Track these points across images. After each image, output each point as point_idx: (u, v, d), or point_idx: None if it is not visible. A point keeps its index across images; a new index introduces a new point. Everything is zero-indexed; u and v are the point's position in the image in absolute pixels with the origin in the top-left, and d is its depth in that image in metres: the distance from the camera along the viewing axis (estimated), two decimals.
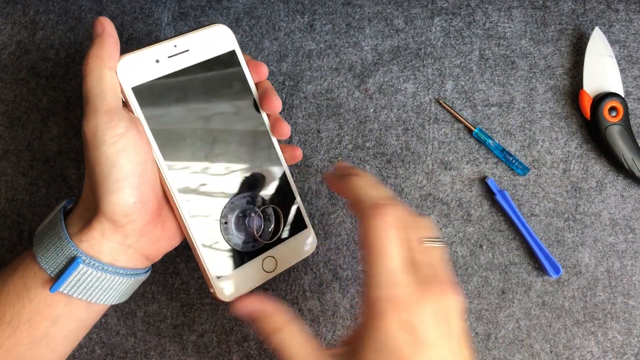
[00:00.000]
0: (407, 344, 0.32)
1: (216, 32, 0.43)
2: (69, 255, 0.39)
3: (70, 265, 0.38)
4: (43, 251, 0.40)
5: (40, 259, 0.39)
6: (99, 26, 0.40)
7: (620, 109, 0.52)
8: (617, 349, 0.52)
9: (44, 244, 0.40)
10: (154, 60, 0.41)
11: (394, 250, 0.33)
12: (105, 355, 0.53)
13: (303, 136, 0.54)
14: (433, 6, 0.55)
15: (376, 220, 0.34)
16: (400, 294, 0.33)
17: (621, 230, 0.53)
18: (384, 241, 0.33)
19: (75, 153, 0.54)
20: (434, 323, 0.33)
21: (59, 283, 0.39)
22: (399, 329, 0.32)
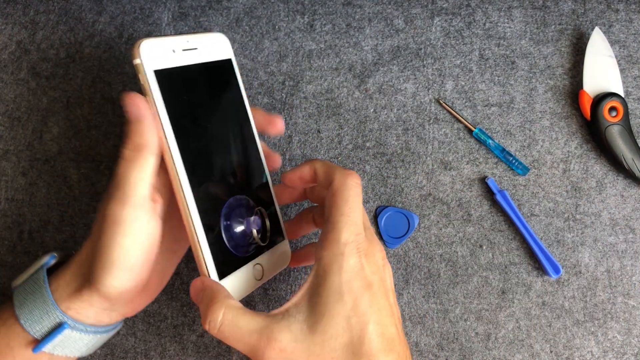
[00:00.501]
0: (361, 286, 0.37)
1: (217, 38, 0.44)
2: (55, 321, 0.40)
3: (56, 330, 0.40)
4: (28, 315, 0.40)
5: (24, 321, 0.40)
6: (135, 108, 0.38)
7: (620, 109, 0.52)
8: (617, 349, 0.52)
9: (28, 307, 0.40)
10: (172, 49, 0.41)
11: (360, 207, 0.39)
12: (105, 355, 0.53)
13: (303, 136, 0.54)
14: (433, 6, 0.55)
15: (352, 180, 0.39)
16: (362, 242, 0.38)
17: (621, 230, 0.53)
18: (356, 198, 0.39)
19: (75, 153, 0.54)
20: (375, 270, 0.38)
21: (42, 344, 0.40)
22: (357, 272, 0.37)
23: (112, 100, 0.54)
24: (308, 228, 0.48)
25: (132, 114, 0.38)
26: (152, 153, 0.38)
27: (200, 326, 0.53)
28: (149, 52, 0.39)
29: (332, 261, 0.37)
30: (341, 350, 0.36)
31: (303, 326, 0.36)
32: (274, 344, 0.35)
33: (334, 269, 0.37)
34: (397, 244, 0.53)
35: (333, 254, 0.37)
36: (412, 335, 0.53)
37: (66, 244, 0.53)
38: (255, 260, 0.44)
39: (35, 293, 0.40)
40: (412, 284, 0.53)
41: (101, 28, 0.55)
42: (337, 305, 0.36)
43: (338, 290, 0.36)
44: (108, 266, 0.38)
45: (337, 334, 0.36)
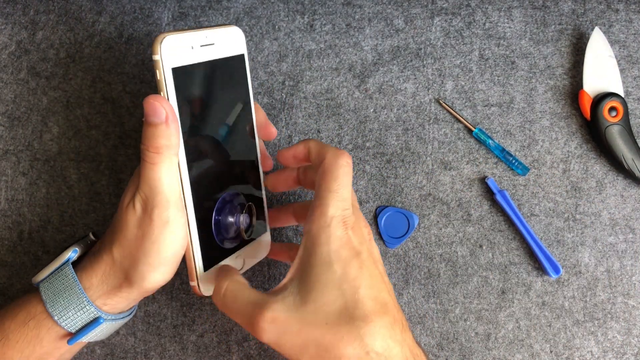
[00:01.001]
0: (349, 255, 0.38)
1: (233, 32, 0.44)
2: (90, 316, 0.42)
3: (92, 324, 0.42)
4: (62, 312, 0.41)
5: (58, 318, 0.41)
6: (160, 111, 0.38)
7: (620, 109, 0.52)
8: (617, 349, 0.52)
9: (62, 304, 0.42)
10: (190, 46, 0.40)
11: (349, 184, 0.40)
12: (105, 355, 0.53)
13: (303, 136, 0.54)
14: (433, 6, 0.55)
15: (342, 159, 0.40)
16: (350, 216, 0.39)
17: (621, 230, 0.53)
18: (345, 177, 0.40)
19: (75, 153, 0.54)
20: (362, 241, 0.39)
21: (77, 337, 0.42)
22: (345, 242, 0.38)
23: (112, 100, 0.54)
24: (287, 220, 0.49)
25: (159, 116, 0.38)
26: (175, 154, 0.39)
27: (201, 326, 0.53)
28: (169, 49, 0.38)
29: (319, 233, 0.38)
30: (336, 316, 0.36)
31: (296, 297, 0.37)
32: (266, 314, 0.37)
33: (321, 240, 0.38)
34: (397, 244, 0.53)
35: (320, 226, 0.38)
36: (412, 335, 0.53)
37: (66, 244, 0.53)
38: (238, 252, 0.45)
39: (67, 291, 0.42)
40: (412, 284, 0.53)
41: (101, 28, 0.55)
42: (327, 273, 0.37)
43: (327, 259, 0.37)
44: (156, 264, 0.40)
45: (330, 301, 0.36)
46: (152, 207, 0.39)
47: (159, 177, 0.39)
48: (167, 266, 0.40)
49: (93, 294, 0.42)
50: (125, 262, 0.41)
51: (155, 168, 0.39)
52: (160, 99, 0.38)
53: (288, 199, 0.55)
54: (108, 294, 0.42)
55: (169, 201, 0.39)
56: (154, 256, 0.40)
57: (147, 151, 0.39)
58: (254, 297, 0.38)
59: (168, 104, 0.38)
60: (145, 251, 0.40)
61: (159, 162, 0.39)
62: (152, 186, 0.39)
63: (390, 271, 0.53)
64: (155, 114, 0.38)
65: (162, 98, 0.38)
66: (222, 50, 0.43)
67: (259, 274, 0.54)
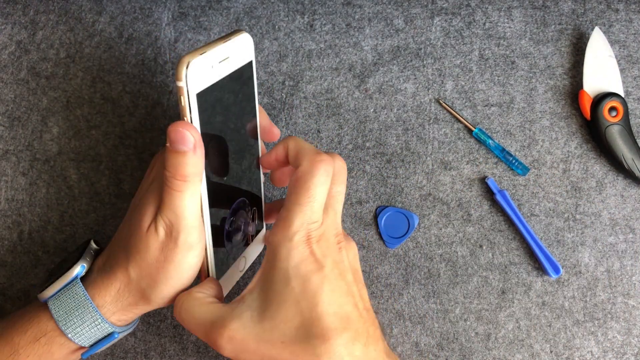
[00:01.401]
0: (310, 270, 0.37)
1: (245, 40, 0.41)
2: (104, 332, 0.42)
3: (106, 338, 0.42)
4: (77, 330, 0.41)
5: (72, 336, 0.41)
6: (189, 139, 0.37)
7: (620, 109, 0.52)
8: (617, 349, 0.52)
9: (75, 322, 0.41)
10: (211, 66, 0.38)
11: (321, 196, 0.38)
12: (105, 355, 0.53)
13: (303, 136, 0.54)
14: (433, 6, 0.55)
15: (319, 168, 0.38)
16: (315, 231, 0.38)
17: (621, 230, 0.53)
18: (319, 187, 0.38)
19: (75, 153, 0.54)
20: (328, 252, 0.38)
21: (92, 351, 0.43)
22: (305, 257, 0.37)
23: (112, 100, 0.54)
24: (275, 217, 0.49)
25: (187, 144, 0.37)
26: (200, 180, 0.39)
27: None
28: (194, 74, 0.36)
29: (280, 247, 0.38)
30: (292, 335, 0.36)
31: (254, 313, 0.37)
32: (224, 332, 0.37)
33: (282, 254, 0.37)
34: (397, 244, 0.53)
35: (281, 240, 0.38)
36: (412, 335, 0.53)
37: (66, 244, 0.53)
38: (243, 254, 0.46)
39: (80, 309, 0.41)
40: (412, 284, 0.53)
41: (101, 28, 0.54)
42: (285, 290, 0.37)
43: (285, 275, 0.37)
44: (178, 286, 0.40)
45: (287, 319, 0.36)
46: (178, 233, 0.39)
47: (185, 204, 0.38)
48: (186, 285, 0.41)
49: (107, 311, 0.42)
50: (142, 282, 0.41)
51: (181, 196, 0.38)
52: (188, 127, 0.37)
53: None
54: (123, 311, 0.42)
55: (194, 227, 0.39)
56: (176, 279, 0.40)
57: (173, 179, 0.38)
58: (210, 313, 0.38)
59: (196, 131, 0.37)
60: (168, 274, 0.40)
61: (185, 190, 0.38)
62: (178, 213, 0.38)
63: (391, 271, 0.53)
64: (184, 142, 0.37)
65: (190, 125, 0.37)
66: (236, 61, 0.41)
67: None
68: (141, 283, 0.41)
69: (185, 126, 0.37)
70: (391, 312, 0.53)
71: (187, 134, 0.37)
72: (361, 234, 0.53)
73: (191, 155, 0.37)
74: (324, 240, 0.38)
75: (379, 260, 0.53)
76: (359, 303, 0.39)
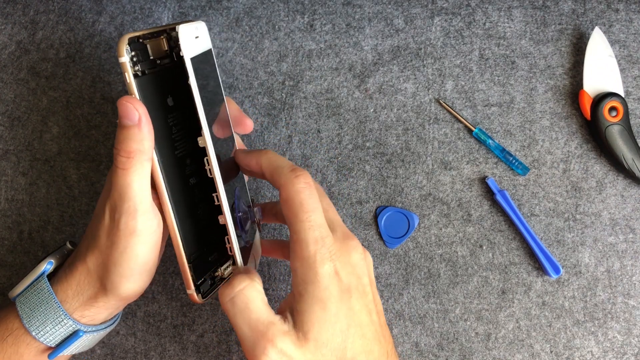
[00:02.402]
0: (338, 291, 0.37)
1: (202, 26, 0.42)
2: (69, 329, 0.41)
3: (72, 337, 0.41)
4: (40, 327, 0.40)
5: (36, 333, 0.40)
6: (133, 113, 0.37)
7: (620, 109, 0.52)
8: (617, 349, 0.52)
9: (39, 319, 0.40)
10: (195, 36, 0.39)
11: (318, 207, 0.38)
12: (105, 355, 0.53)
13: (303, 136, 0.54)
14: (433, 6, 0.55)
15: (299, 182, 0.37)
16: (331, 245, 0.37)
17: (621, 230, 0.53)
18: (309, 199, 0.37)
19: (75, 153, 0.54)
20: (351, 271, 0.38)
21: (58, 352, 0.41)
22: (332, 277, 0.37)
23: (112, 100, 0.54)
24: (269, 220, 0.48)
25: (133, 118, 0.37)
26: (148, 159, 0.38)
27: (201, 326, 0.53)
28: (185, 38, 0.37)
29: (306, 272, 0.37)
30: (330, 356, 0.37)
31: (298, 333, 0.37)
32: (278, 343, 0.36)
33: (310, 278, 0.37)
34: (397, 244, 0.53)
35: (306, 265, 0.37)
36: (412, 335, 0.53)
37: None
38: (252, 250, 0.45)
39: (44, 305, 0.41)
40: (412, 284, 0.53)
41: (101, 28, 0.55)
42: (322, 313, 0.37)
43: (320, 298, 0.37)
44: (128, 274, 0.39)
45: (327, 341, 0.36)
46: (120, 215, 0.38)
47: (129, 183, 0.37)
48: (139, 275, 0.39)
49: (70, 306, 0.41)
50: (99, 271, 0.40)
51: (125, 174, 0.37)
52: (132, 100, 0.37)
53: None
54: (85, 305, 0.41)
55: (137, 209, 0.37)
56: (124, 266, 0.38)
57: (118, 155, 0.37)
58: (265, 315, 0.37)
59: (141, 106, 0.37)
60: (115, 261, 0.38)
61: (130, 167, 0.37)
62: (121, 193, 0.37)
63: (391, 271, 0.53)
64: (128, 116, 0.37)
65: (135, 99, 0.37)
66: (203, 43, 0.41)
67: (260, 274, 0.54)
68: (98, 272, 0.40)
69: (130, 100, 0.37)
70: (391, 312, 0.53)
71: (131, 107, 0.36)
72: (361, 234, 0.53)
73: (136, 131, 0.37)
74: (344, 255, 0.38)
75: (379, 260, 0.53)
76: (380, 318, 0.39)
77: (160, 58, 0.41)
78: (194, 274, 0.41)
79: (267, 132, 0.54)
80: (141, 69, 0.39)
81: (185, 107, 0.43)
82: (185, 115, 0.43)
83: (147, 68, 0.40)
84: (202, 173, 0.43)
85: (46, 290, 0.41)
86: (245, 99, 0.54)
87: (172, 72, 0.42)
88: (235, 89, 0.54)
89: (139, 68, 0.39)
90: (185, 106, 0.43)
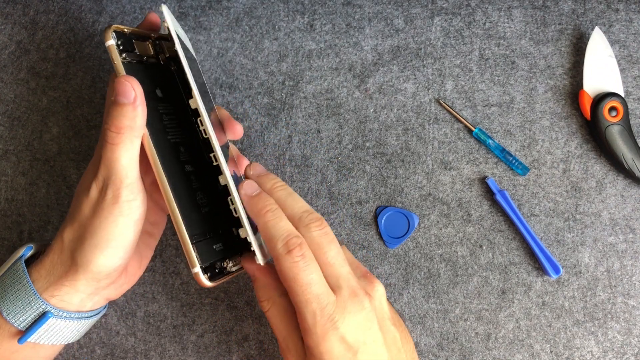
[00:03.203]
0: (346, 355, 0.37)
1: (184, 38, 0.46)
2: (38, 310, 0.40)
3: (40, 319, 0.40)
4: (10, 307, 0.40)
5: (6, 314, 0.40)
6: (129, 92, 0.38)
7: (620, 109, 0.52)
8: (617, 349, 0.52)
9: (10, 299, 0.40)
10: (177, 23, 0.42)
11: (315, 276, 0.37)
12: (105, 355, 0.53)
13: (303, 136, 0.54)
14: (433, 6, 0.55)
15: (293, 256, 0.37)
16: (333, 312, 0.37)
17: (621, 230, 0.53)
18: (303, 273, 0.37)
19: (75, 153, 0.54)
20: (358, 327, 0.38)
21: (27, 335, 0.40)
22: (339, 345, 0.37)
23: None
24: None
25: (128, 96, 0.38)
26: (138, 136, 0.39)
27: (201, 326, 0.53)
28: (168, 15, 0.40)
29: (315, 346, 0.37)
30: None
31: None
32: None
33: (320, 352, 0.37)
34: (397, 244, 0.53)
35: (312, 341, 0.37)
36: (412, 335, 0.53)
37: None
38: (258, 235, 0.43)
39: (16, 285, 0.41)
40: (412, 284, 0.53)
41: (101, 28, 0.55)
42: None
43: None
44: (102, 246, 0.39)
45: None
46: (107, 186, 0.38)
47: (117, 157, 0.38)
48: (113, 249, 0.39)
49: (41, 285, 0.40)
50: (72, 245, 0.40)
51: (114, 148, 0.38)
52: (131, 80, 0.38)
53: None
54: (55, 284, 0.40)
55: (122, 181, 0.38)
56: (100, 234, 0.39)
57: (108, 131, 0.38)
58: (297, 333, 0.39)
59: (139, 87, 0.38)
60: (93, 230, 0.39)
61: (119, 142, 0.38)
62: (109, 166, 0.38)
63: (391, 271, 0.53)
64: (124, 94, 0.38)
65: (134, 79, 0.38)
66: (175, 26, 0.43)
67: None
68: (71, 247, 0.40)
69: (129, 79, 0.38)
70: None
71: (129, 86, 0.38)
72: (361, 234, 0.53)
73: (130, 109, 0.38)
74: (350, 314, 0.38)
75: (379, 260, 0.53)
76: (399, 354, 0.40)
77: (147, 57, 0.43)
78: (198, 255, 0.41)
79: (267, 132, 0.54)
80: (128, 58, 0.41)
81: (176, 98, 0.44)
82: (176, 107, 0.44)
83: (135, 60, 0.42)
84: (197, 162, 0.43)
85: (20, 270, 0.41)
86: (245, 99, 0.54)
87: (159, 70, 0.43)
88: (235, 89, 0.54)
89: (125, 57, 0.41)
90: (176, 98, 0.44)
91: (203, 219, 0.43)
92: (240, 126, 0.47)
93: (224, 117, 0.47)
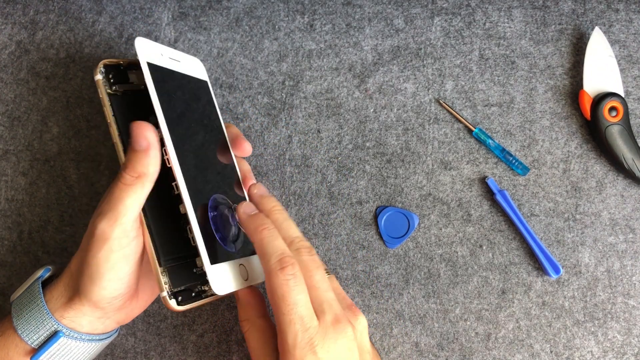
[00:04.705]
0: None
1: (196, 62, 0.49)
2: (50, 329, 0.42)
3: (52, 338, 0.41)
4: (25, 325, 0.42)
5: (21, 331, 0.42)
6: (142, 139, 0.39)
7: (620, 109, 0.52)
8: (617, 349, 0.52)
9: (25, 317, 0.42)
10: (160, 53, 0.44)
11: (302, 298, 0.38)
12: (105, 355, 0.53)
13: (303, 136, 0.54)
14: (433, 6, 0.55)
15: (285, 274, 0.38)
16: (314, 335, 0.38)
17: (621, 230, 0.53)
18: (292, 292, 0.38)
19: (75, 153, 0.54)
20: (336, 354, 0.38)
21: (39, 353, 0.42)
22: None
23: None
24: None
25: (141, 144, 0.39)
26: (151, 180, 0.40)
27: (201, 326, 0.53)
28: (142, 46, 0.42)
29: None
30: None
31: None
32: None
33: None
34: (397, 244, 0.53)
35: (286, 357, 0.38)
36: (412, 335, 0.53)
37: (66, 244, 0.53)
38: (240, 260, 0.44)
39: (31, 304, 0.42)
40: (412, 284, 0.53)
41: (101, 28, 0.55)
42: None
43: None
44: (95, 278, 0.40)
45: None
46: (100, 219, 0.40)
47: (124, 197, 0.39)
48: (108, 282, 0.40)
49: (53, 305, 0.42)
50: (76, 274, 0.42)
51: (124, 188, 0.39)
52: (143, 127, 0.39)
53: None
54: (65, 306, 0.42)
55: (117, 219, 0.39)
56: (92, 269, 0.40)
57: (124, 172, 0.40)
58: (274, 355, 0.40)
59: (153, 134, 0.39)
60: (87, 263, 0.40)
61: (131, 184, 0.39)
62: (111, 202, 0.40)
63: (391, 271, 0.53)
64: (138, 142, 0.39)
65: (147, 126, 0.39)
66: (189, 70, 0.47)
67: None
68: (75, 274, 0.42)
69: (141, 126, 0.39)
70: (391, 312, 0.53)
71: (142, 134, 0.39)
72: (361, 234, 0.53)
73: (143, 156, 0.39)
74: (328, 340, 0.38)
75: (379, 260, 0.53)
76: None
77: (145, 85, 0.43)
78: (169, 279, 0.42)
79: (267, 132, 0.54)
80: (121, 89, 0.43)
81: None
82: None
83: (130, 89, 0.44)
84: None
85: (36, 291, 0.43)
86: (245, 99, 0.54)
87: None
88: (235, 89, 0.54)
89: (116, 88, 0.43)
90: None
91: (185, 243, 0.44)
92: (249, 144, 0.48)
93: (233, 135, 0.48)
